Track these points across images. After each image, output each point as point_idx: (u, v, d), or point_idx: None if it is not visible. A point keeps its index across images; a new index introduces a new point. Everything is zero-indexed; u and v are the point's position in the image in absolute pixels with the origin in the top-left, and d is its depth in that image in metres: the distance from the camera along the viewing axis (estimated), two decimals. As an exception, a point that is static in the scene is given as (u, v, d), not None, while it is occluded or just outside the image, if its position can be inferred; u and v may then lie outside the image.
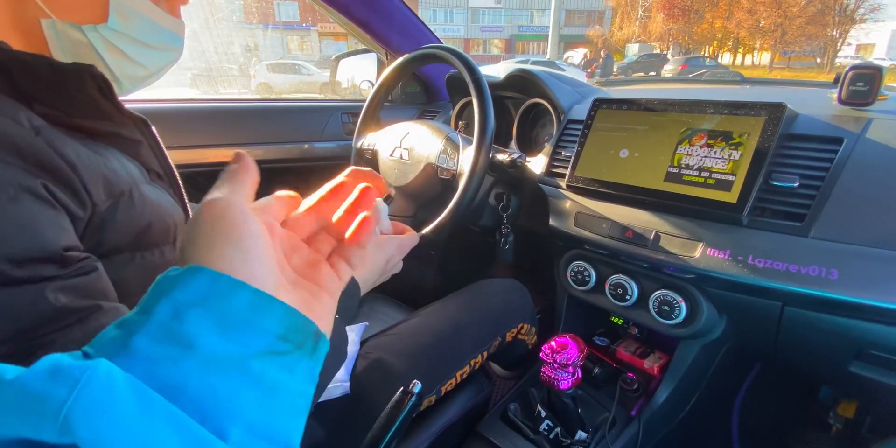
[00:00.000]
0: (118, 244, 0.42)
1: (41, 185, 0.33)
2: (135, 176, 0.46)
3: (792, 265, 0.63)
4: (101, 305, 0.34)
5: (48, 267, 0.31)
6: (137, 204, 0.44)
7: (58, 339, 0.30)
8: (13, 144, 0.33)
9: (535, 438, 0.73)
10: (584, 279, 0.87)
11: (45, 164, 0.34)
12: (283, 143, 1.19)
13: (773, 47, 21.46)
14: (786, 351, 0.73)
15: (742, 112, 0.72)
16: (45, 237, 0.32)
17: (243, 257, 0.23)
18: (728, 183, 0.69)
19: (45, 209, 0.33)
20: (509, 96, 1.14)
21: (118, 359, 0.19)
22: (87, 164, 0.39)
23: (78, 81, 0.41)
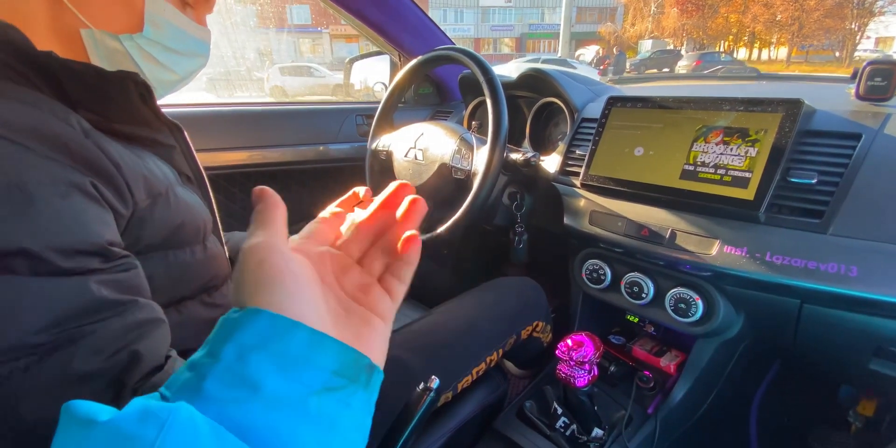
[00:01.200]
0: (153, 242, 0.44)
1: (90, 184, 0.35)
2: (170, 177, 0.49)
3: (811, 262, 0.62)
4: (137, 301, 0.35)
5: (93, 260, 0.33)
6: (172, 204, 0.46)
7: (98, 329, 0.31)
8: (65, 145, 0.35)
9: (552, 435, 0.73)
10: (600, 277, 0.87)
11: (93, 164, 0.36)
12: (299, 145, 1.21)
13: (791, 41, 21.05)
14: (804, 349, 0.73)
15: (759, 109, 0.72)
16: (92, 231, 0.33)
17: (291, 300, 0.25)
18: (745, 180, 0.69)
19: (92, 206, 0.35)
20: (522, 96, 1.14)
21: (194, 402, 0.21)
22: (131, 165, 0.41)
23: (121, 88, 0.43)
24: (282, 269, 0.26)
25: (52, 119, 0.36)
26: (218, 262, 0.55)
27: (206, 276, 0.53)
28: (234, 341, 0.23)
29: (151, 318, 0.36)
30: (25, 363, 0.27)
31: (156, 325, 0.36)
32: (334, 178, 1.32)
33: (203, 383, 0.22)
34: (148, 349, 0.34)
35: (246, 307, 0.25)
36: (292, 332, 0.24)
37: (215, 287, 0.55)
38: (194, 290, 0.52)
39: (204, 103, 1.18)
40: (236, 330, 0.24)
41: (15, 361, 0.27)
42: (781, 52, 23.33)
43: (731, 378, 0.84)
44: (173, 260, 0.47)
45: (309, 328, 0.24)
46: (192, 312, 0.51)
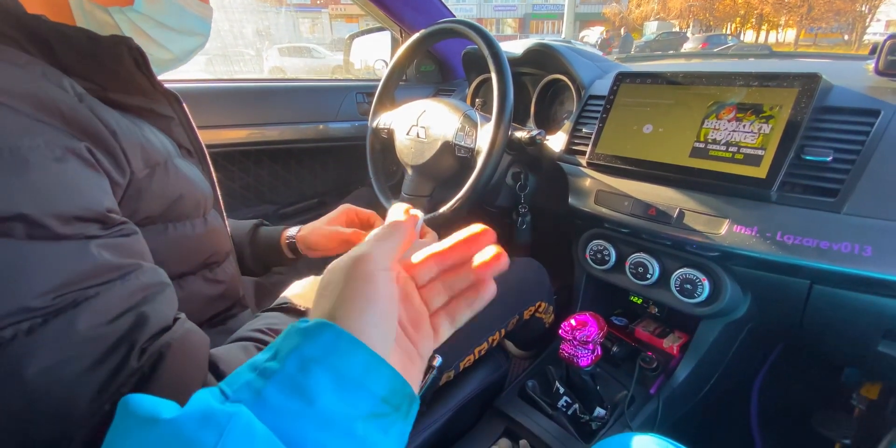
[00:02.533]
0: (152, 214, 0.43)
1: (85, 149, 0.34)
2: (169, 148, 0.47)
3: (823, 242, 0.61)
4: (141, 264, 0.35)
5: (92, 226, 0.32)
6: (171, 175, 0.45)
7: (101, 292, 0.30)
8: (59, 109, 0.34)
9: (553, 414, 0.73)
10: (604, 258, 0.85)
11: (88, 129, 0.35)
12: (299, 123, 1.18)
13: (799, 24, 20.62)
14: (811, 330, 0.72)
15: (774, 84, 0.69)
16: (90, 197, 0.33)
17: (375, 322, 0.26)
18: (757, 158, 0.67)
19: (89, 171, 0.34)
20: (527, 73, 1.11)
21: (253, 406, 0.22)
22: (127, 132, 0.40)
23: (115, 54, 0.42)
24: (382, 292, 0.27)
25: (45, 82, 0.34)
26: (219, 237, 0.54)
27: (206, 251, 0.52)
28: (299, 351, 0.24)
29: (156, 282, 0.35)
30: (29, 326, 0.27)
31: (161, 288, 0.35)
32: (335, 157, 1.30)
33: (264, 389, 0.23)
34: (154, 311, 0.33)
35: (315, 319, 0.25)
36: (354, 351, 0.24)
37: (216, 263, 0.54)
38: (195, 266, 0.51)
39: (201, 79, 1.14)
40: (303, 340, 0.24)
41: (17, 325, 0.27)
42: (789, 34, 22.88)
43: (734, 360, 0.83)
44: (173, 233, 0.46)
45: (370, 350, 0.25)
46: (193, 288, 0.51)
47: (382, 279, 0.27)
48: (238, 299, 0.57)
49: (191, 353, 0.34)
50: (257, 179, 1.17)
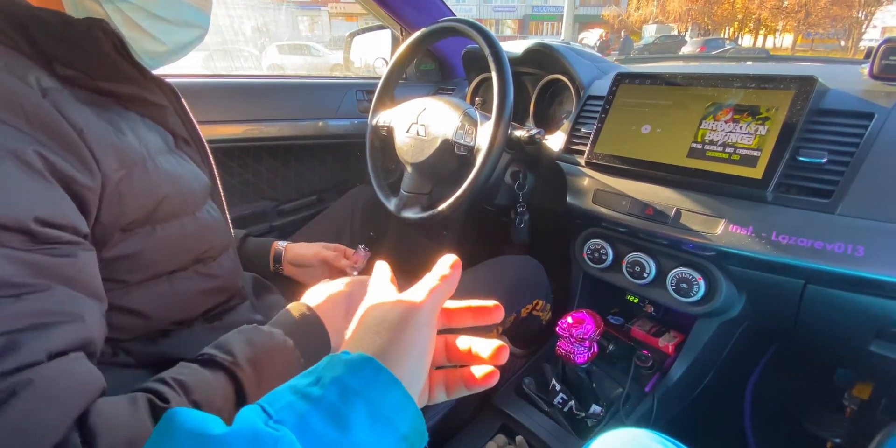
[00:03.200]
0: (138, 217, 0.42)
1: (33, 152, 0.32)
2: (151, 146, 0.45)
3: (817, 242, 0.62)
4: (51, 288, 0.31)
5: (7, 236, 0.30)
6: (153, 175, 0.43)
7: None
8: (18, 104, 0.32)
9: (550, 411, 0.74)
10: (601, 257, 0.86)
11: (49, 126, 0.34)
12: (298, 120, 1.18)
13: (796, 29, 20.75)
14: (805, 330, 0.73)
15: (770, 86, 0.70)
16: (14, 205, 0.30)
17: (413, 367, 0.28)
18: (753, 158, 0.68)
19: (24, 177, 0.31)
20: (527, 72, 1.12)
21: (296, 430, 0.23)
22: (96, 131, 0.38)
23: (90, 37, 0.40)
24: (428, 339, 0.30)
25: (6, 76, 0.33)
26: (213, 232, 0.53)
27: (199, 248, 0.50)
28: (341, 381, 0.25)
29: (60, 311, 0.31)
30: None
31: (63, 319, 0.31)
32: (334, 154, 1.30)
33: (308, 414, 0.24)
34: (31, 341, 0.29)
35: (358, 353, 0.27)
36: (391, 387, 0.26)
37: (211, 258, 0.53)
38: (187, 263, 0.49)
39: (200, 74, 1.14)
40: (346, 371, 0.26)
41: None
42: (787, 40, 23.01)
43: (728, 359, 0.84)
44: (161, 233, 0.45)
45: (404, 389, 0.27)
46: (185, 283, 0.49)
47: (430, 331, 0.30)
48: (236, 292, 0.57)
49: (55, 398, 0.28)
50: (256, 175, 1.17)
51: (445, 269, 0.34)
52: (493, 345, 0.32)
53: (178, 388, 0.35)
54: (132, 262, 0.42)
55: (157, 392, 0.34)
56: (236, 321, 0.55)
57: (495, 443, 0.71)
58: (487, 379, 0.32)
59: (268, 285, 0.72)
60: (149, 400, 0.33)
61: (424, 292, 0.32)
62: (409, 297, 0.31)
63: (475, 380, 0.32)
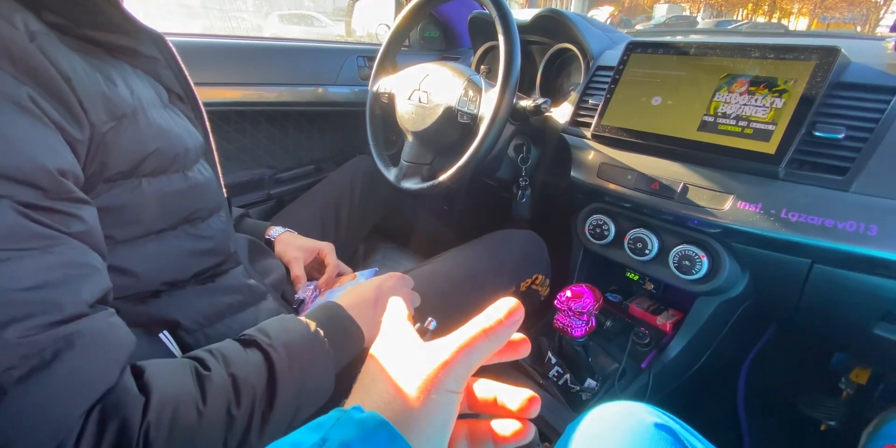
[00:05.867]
0: (123, 169, 0.41)
1: (27, 96, 0.31)
2: (143, 99, 0.44)
3: (828, 220, 0.60)
4: (70, 240, 0.32)
5: (25, 190, 0.29)
6: (143, 127, 0.42)
7: (14, 258, 0.28)
8: (6, 48, 0.31)
9: (545, 384, 0.74)
10: (603, 233, 0.84)
11: (36, 71, 0.32)
12: (297, 85, 1.14)
13: (812, 12, 20.24)
14: (807, 312, 0.72)
15: (790, 56, 0.67)
16: (26, 156, 0.29)
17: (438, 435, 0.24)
18: (767, 133, 0.65)
19: (30, 124, 0.31)
20: (535, 41, 1.07)
21: None
22: (85, 80, 0.36)
23: None
24: (455, 408, 0.25)
25: None
26: (203, 192, 0.51)
27: (188, 207, 0.49)
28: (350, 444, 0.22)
29: (82, 263, 0.32)
30: None
31: (87, 271, 0.32)
32: (333, 123, 1.27)
33: None
34: (71, 293, 0.30)
35: (371, 412, 0.24)
36: None
37: (200, 219, 0.52)
38: (175, 222, 0.48)
39: (194, 34, 1.10)
40: (356, 436, 0.23)
41: None
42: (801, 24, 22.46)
43: (726, 339, 0.83)
44: (147, 188, 0.43)
45: None
46: (174, 243, 0.48)
47: (453, 403, 0.25)
48: (229, 255, 0.56)
49: (104, 349, 0.31)
50: (254, 142, 1.14)
51: (499, 314, 0.26)
52: (524, 395, 0.27)
53: (221, 359, 0.38)
54: (116, 216, 0.41)
55: (201, 360, 0.37)
56: (230, 285, 0.54)
57: (488, 414, 0.71)
58: (519, 436, 0.27)
59: (265, 249, 0.71)
60: (194, 367, 0.36)
61: (454, 346, 0.25)
62: (440, 353, 0.25)
63: (504, 437, 0.27)
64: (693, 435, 0.43)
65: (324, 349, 0.44)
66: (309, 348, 0.43)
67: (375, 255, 1.02)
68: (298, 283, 0.70)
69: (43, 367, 0.27)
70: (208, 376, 0.35)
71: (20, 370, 0.26)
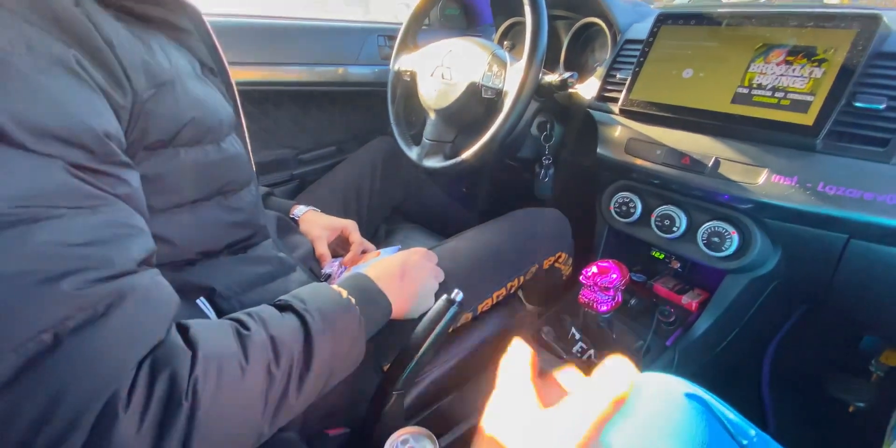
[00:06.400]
0: (162, 137, 0.41)
1: (74, 59, 0.31)
2: (181, 68, 0.45)
3: (867, 193, 0.58)
4: (117, 202, 0.33)
5: (74, 151, 0.30)
6: (180, 96, 0.42)
7: (67, 215, 0.29)
8: (51, 11, 0.31)
9: (568, 359, 0.74)
10: (629, 211, 0.83)
11: (81, 36, 0.32)
12: (317, 65, 1.14)
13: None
14: (841, 290, 0.70)
15: (830, 25, 0.64)
16: (77, 117, 0.30)
17: None
18: (805, 104, 0.63)
19: (78, 86, 0.31)
20: (560, 16, 1.05)
21: None
22: (127, 47, 0.37)
23: None
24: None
25: None
26: (236, 164, 0.52)
27: (221, 178, 0.50)
28: None
29: (129, 224, 0.33)
30: None
31: (133, 232, 0.33)
32: (353, 104, 1.27)
33: None
34: (120, 251, 0.31)
35: None
36: None
37: (233, 191, 0.53)
38: (209, 193, 0.49)
39: (216, 13, 1.10)
40: None
41: None
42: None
43: (754, 318, 0.82)
44: (184, 157, 0.44)
45: None
46: (208, 213, 0.49)
47: None
48: (259, 228, 0.57)
49: (153, 305, 0.32)
50: (276, 122, 1.14)
51: None
52: None
53: (259, 320, 0.39)
54: (155, 184, 0.42)
55: (241, 321, 0.38)
56: (260, 256, 0.55)
57: (513, 387, 0.71)
58: None
59: (291, 225, 0.72)
60: (235, 327, 0.37)
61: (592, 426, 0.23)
62: None
63: None
64: (724, 405, 0.43)
65: (355, 316, 0.45)
66: (342, 314, 0.44)
67: (396, 236, 1.02)
68: (324, 260, 0.71)
69: (96, 319, 0.28)
70: (249, 336, 0.36)
71: (75, 321, 0.27)
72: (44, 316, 0.26)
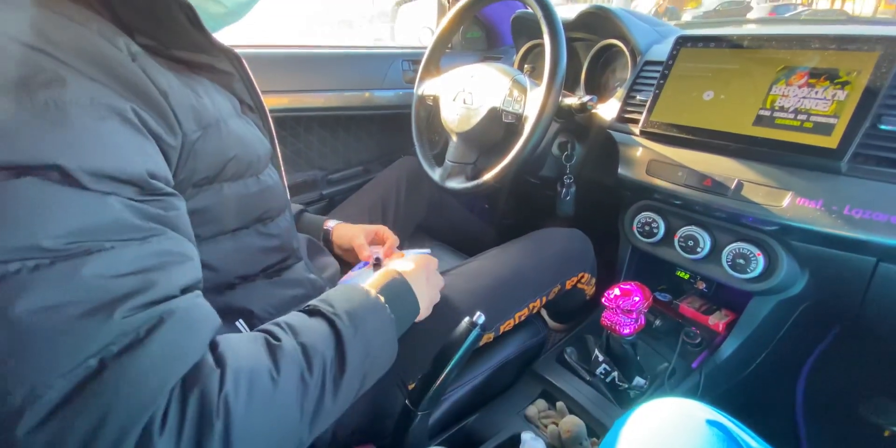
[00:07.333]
0: (208, 174, 0.45)
1: (131, 110, 0.34)
2: (223, 110, 0.48)
3: (894, 216, 0.57)
4: (166, 231, 0.35)
5: (125, 187, 0.32)
6: (224, 136, 0.46)
7: (117, 247, 0.31)
8: (110, 67, 0.34)
9: (591, 381, 0.74)
10: (652, 231, 0.83)
11: (138, 88, 0.36)
12: (344, 90, 1.19)
13: (882, -9, 18.70)
14: (872, 312, 0.68)
15: (853, 47, 0.64)
16: (127, 159, 0.33)
17: None
18: (829, 126, 0.63)
19: (131, 133, 0.34)
20: (580, 38, 1.07)
21: None
22: (178, 94, 0.40)
23: (166, 9, 0.41)
24: None
25: (99, 39, 0.35)
26: (273, 194, 0.56)
27: (260, 208, 0.54)
28: None
29: (176, 251, 0.35)
30: (36, 264, 0.27)
31: (180, 259, 0.35)
32: (379, 125, 1.31)
33: None
34: (165, 278, 0.33)
35: None
36: None
37: (270, 218, 0.56)
38: (249, 221, 0.53)
39: (246, 45, 1.16)
40: None
41: (25, 261, 0.27)
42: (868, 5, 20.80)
43: (784, 340, 0.80)
44: (228, 192, 0.48)
45: None
46: (247, 241, 0.53)
47: None
48: (293, 252, 0.60)
49: (193, 326, 0.33)
50: (307, 145, 1.19)
51: None
52: None
53: (289, 330, 0.40)
54: (202, 216, 0.45)
55: (271, 332, 0.40)
56: (293, 278, 0.59)
57: (536, 407, 0.72)
58: None
59: (321, 248, 0.75)
60: (265, 338, 0.38)
61: None
62: None
63: None
64: (746, 432, 0.43)
65: (385, 315, 0.48)
66: (372, 315, 0.46)
67: (423, 253, 1.05)
68: (363, 250, 0.75)
69: (138, 344, 0.30)
70: (279, 346, 0.37)
71: (118, 346, 0.29)
72: (91, 343, 0.28)
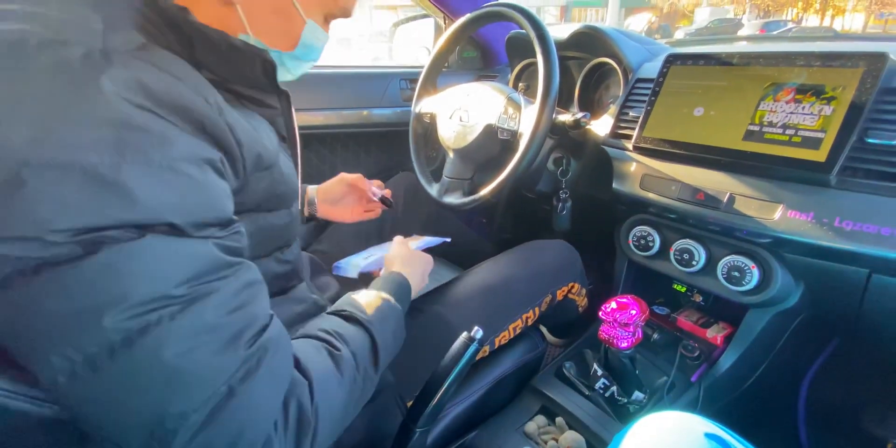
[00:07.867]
0: (250, 205, 0.47)
1: (219, 159, 0.37)
2: (275, 144, 0.50)
3: (885, 228, 0.58)
4: (243, 262, 0.38)
5: (216, 230, 0.36)
6: (276, 175, 0.48)
7: (221, 286, 0.34)
8: (201, 123, 0.36)
9: (591, 395, 0.73)
10: (648, 244, 0.84)
11: (222, 141, 0.38)
12: (343, 108, 1.21)
13: (868, 9, 19.14)
14: (869, 323, 0.69)
15: (837, 64, 0.66)
16: (221, 205, 0.36)
17: None
18: (817, 140, 0.65)
19: (220, 180, 0.37)
20: (573, 56, 1.10)
21: None
22: (249, 143, 0.42)
23: (249, 61, 0.45)
24: None
25: (195, 96, 0.37)
26: (295, 225, 0.57)
27: (284, 238, 0.55)
28: None
29: (256, 279, 0.38)
30: (170, 312, 0.31)
31: (260, 286, 0.38)
32: (377, 143, 1.33)
33: None
34: (258, 307, 0.37)
35: None
36: None
37: (287, 246, 0.57)
38: (271, 250, 0.54)
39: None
40: None
41: (162, 310, 0.30)
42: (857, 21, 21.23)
43: (783, 352, 0.80)
44: (263, 223, 0.50)
45: None
46: (265, 268, 0.53)
47: None
48: (299, 274, 0.61)
49: (283, 349, 0.37)
50: (306, 162, 1.21)
51: None
52: None
53: (341, 339, 0.46)
54: None
55: (330, 343, 0.45)
56: (297, 297, 0.60)
57: (535, 423, 0.71)
58: None
59: (321, 267, 0.76)
60: (327, 348, 0.44)
61: None
62: None
63: None
64: (746, 446, 0.43)
65: (400, 317, 0.55)
66: (393, 320, 0.53)
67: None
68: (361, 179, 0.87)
69: (254, 370, 0.34)
70: (340, 356, 0.43)
71: (241, 373, 0.33)
72: (222, 374, 0.32)
